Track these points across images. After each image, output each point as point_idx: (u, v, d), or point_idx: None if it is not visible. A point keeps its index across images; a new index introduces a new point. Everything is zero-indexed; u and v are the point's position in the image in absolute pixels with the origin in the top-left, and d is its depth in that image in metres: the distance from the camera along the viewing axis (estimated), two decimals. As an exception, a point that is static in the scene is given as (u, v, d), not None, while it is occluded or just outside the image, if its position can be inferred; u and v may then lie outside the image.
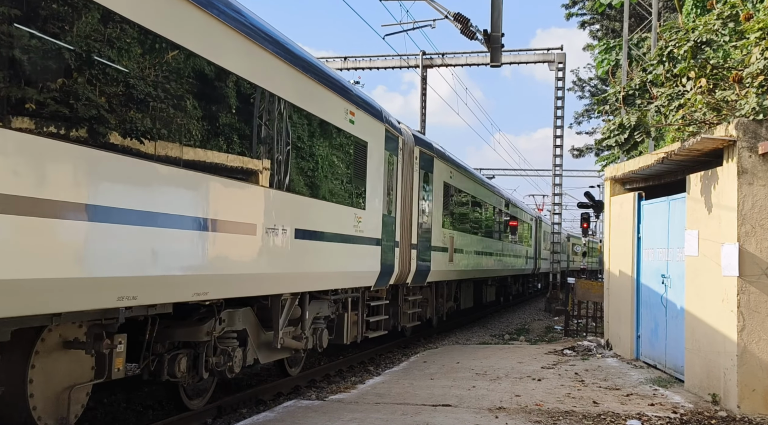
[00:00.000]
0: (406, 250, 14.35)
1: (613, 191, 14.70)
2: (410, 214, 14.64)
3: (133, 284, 6.16)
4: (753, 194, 9.00)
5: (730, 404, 9.05)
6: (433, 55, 30.66)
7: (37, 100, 5.16)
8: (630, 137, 11.15)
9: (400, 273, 13.94)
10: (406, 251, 14.28)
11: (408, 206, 14.47)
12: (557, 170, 29.64)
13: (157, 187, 6.48)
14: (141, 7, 6.21)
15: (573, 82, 45.51)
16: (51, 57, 5.28)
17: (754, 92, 9.35)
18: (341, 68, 30.62)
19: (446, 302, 19.37)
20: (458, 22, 19.04)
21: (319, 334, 11.23)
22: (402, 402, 9.37)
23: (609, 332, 15.00)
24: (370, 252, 12.13)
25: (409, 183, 14.58)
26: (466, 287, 22.08)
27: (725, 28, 10.79)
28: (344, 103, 11.05)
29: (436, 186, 16.66)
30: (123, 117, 5.99)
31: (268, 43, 8.62)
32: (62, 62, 5.40)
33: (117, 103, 5.92)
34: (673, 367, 11.52)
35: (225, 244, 7.67)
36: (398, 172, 13.74)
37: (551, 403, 9.40)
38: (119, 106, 5.95)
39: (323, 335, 11.35)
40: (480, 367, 12.64)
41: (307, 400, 9.71)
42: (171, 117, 6.64)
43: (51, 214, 5.26)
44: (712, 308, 9.65)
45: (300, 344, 10.45)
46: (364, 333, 12.92)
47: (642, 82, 12.56)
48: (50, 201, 5.25)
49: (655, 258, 12.59)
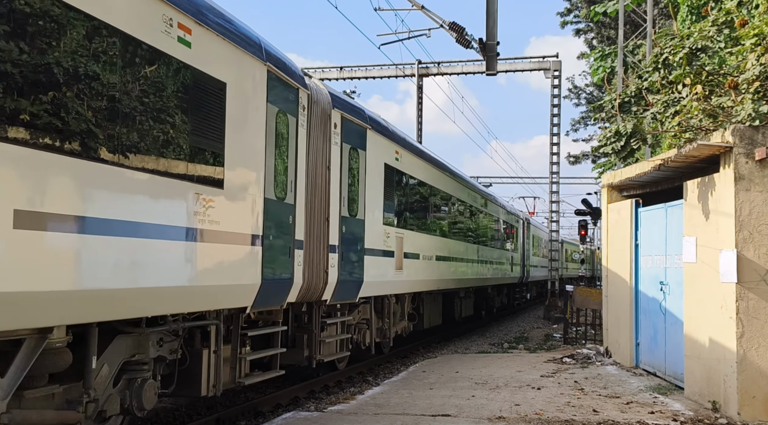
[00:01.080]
0: (320, 254, 10.29)
1: (611, 198, 14.70)
2: (326, 204, 10.50)
3: None
4: (750, 200, 9.00)
5: (730, 411, 9.02)
6: (429, 64, 30.70)
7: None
8: (626, 144, 11.18)
9: (309, 287, 10.01)
10: (318, 256, 10.24)
11: (322, 193, 10.41)
12: (554, 178, 29.63)
13: None
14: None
15: (569, 89, 45.65)
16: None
17: (750, 98, 9.36)
18: (337, 78, 30.66)
19: (396, 321, 15.29)
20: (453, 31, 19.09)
21: (135, 391, 7.05)
22: (401, 413, 9.33)
23: (608, 339, 14.97)
24: (239, 256, 7.95)
25: (322, 160, 10.46)
26: (431, 301, 18.21)
27: (720, 35, 10.82)
28: (165, 9, 6.76)
29: (372, 169, 12.49)
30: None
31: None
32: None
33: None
34: (672, 374, 11.49)
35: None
36: (299, 141, 9.55)
37: (551, 412, 9.36)
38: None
39: (145, 391, 7.11)
40: (479, 376, 12.60)
41: (306, 411, 9.66)
42: None
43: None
44: (711, 314, 9.63)
45: (73, 416, 6.19)
46: (239, 379, 8.83)
47: (638, 89, 12.59)
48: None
49: (653, 265, 12.58)
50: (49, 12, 5.35)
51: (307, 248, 9.87)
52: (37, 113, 5.24)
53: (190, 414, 9.69)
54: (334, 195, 10.85)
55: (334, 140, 10.93)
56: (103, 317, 6.15)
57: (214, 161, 7.54)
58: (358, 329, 13.14)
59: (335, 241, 10.85)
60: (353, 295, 11.85)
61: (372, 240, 12.50)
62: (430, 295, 17.96)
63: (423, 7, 19.70)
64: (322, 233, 10.44)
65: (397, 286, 14.37)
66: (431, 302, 18.30)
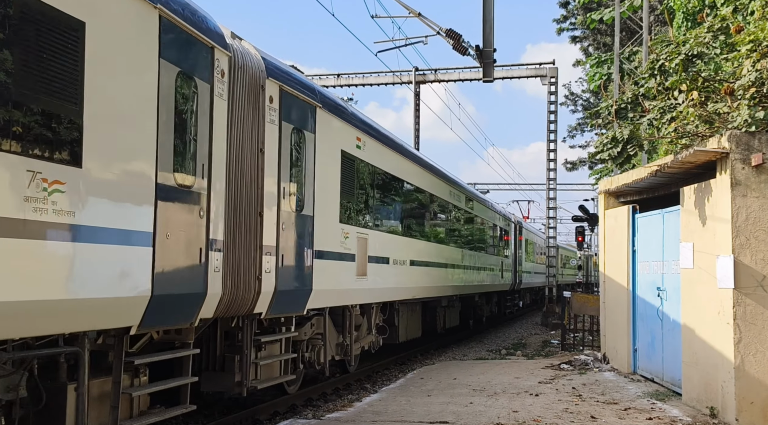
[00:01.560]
0: (249, 257, 8.39)
1: (608, 204, 14.72)
2: (258, 195, 8.64)
3: None
4: (747, 205, 9.01)
5: (728, 417, 9.01)
6: (426, 71, 30.76)
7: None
8: (623, 151, 11.19)
9: (233, 298, 8.11)
10: (247, 260, 8.35)
11: (252, 182, 8.51)
12: (551, 184, 29.68)
13: None
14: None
15: (565, 96, 45.82)
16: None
17: (746, 104, 9.39)
18: (335, 85, 30.72)
19: (360, 335, 13.35)
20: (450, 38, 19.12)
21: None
22: (399, 420, 9.31)
23: (606, 345, 14.97)
24: (112, 260, 6.10)
25: (252, 141, 8.53)
26: (407, 311, 16.30)
27: (716, 41, 10.86)
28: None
29: (324, 157, 10.55)
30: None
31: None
32: None
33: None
34: (670, 380, 11.48)
35: None
36: (215, 114, 7.65)
37: (549, 419, 9.34)
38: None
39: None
40: (477, 383, 12.58)
41: (304, 419, 9.64)
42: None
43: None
44: (709, 320, 9.63)
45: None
46: (122, 421, 6.72)
47: (634, 95, 12.61)
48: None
49: (650, 271, 12.58)
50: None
51: (228, 250, 7.91)
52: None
53: (187, 422, 9.66)
54: (269, 185, 8.83)
55: (270, 117, 8.90)
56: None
57: (64, 128, 5.56)
58: (312, 346, 11.24)
59: (271, 241, 8.83)
60: (299, 307, 9.86)
61: (324, 241, 10.51)
62: (406, 305, 16.07)
63: (420, 14, 19.74)
64: (252, 232, 8.44)
65: (360, 295, 12.37)
66: (408, 312, 16.40)
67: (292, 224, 9.49)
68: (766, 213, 8.98)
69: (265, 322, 9.64)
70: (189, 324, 7.44)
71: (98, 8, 5.93)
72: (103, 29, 5.98)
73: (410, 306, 16.52)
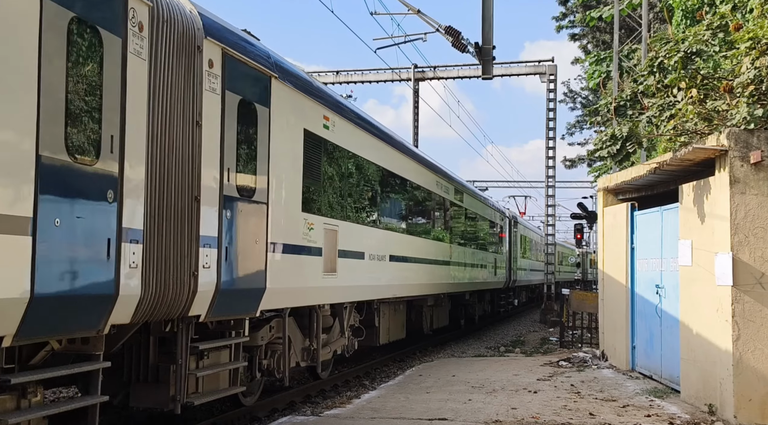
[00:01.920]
0: (181, 250, 7.11)
1: (606, 201, 14.73)
2: (194, 176, 7.29)
3: None
4: (745, 203, 9.02)
5: (726, 414, 9.03)
6: (425, 68, 30.75)
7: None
8: (622, 148, 11.20)
9: (158, 299, 6.85)
10: (177, 253, 7.07)
11: (185, 160, 7.18)
12: (550, 182, 29.69)
13: None
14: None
15: (564, 93, 45.81)
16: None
17: (744, 102, 9.39)
18: (333, 82, 30.69)
19: (331, 338, 12.06)
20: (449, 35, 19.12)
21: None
22: (398, 417, 9.32)
23: (604, 343, 14.98)
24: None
25: (184, 111, 7.21)
26: (388, 311, 14.96)
27: (715, 39, 10.86)
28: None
29: (283, 135, 9.24)
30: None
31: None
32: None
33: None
34: (668, 377, 11.50)
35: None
36: (131, 75, 6.40)
37: (548, 416, 9.36)
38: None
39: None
40: (476, 380, 12.59)
41: (303, 416, 9.65)
42: None
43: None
44: (707, 317, 9.64)
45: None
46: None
47: (633, 93, 12.62)
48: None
49: (649, 268, 12.60)
50: None
51: (151, 242, 6.70)
52: None
53: (185, 419, 9.66)
54: (209, 165, 7.52)
55: (210, 84, 7.54)
56: None
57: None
58: (271, 351, 9.94)
59: (212, 231, 7.54)
60: (250, 308, 8.58)
61: (282, 232, 9.22)
62: (388, 304, 14.79)
63: (419, 11, 19.74)
64: (185, 220, 7.17)
65: (329, 294, 11.03)
66: (390, 312, 15.10)
67: (240, 211, 8.14)
68: (765, 210, 8.99)
69: (210, 325, 8.40)
70: (96, 332, 6.17)
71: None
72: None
73: (393, 306, 15.24)
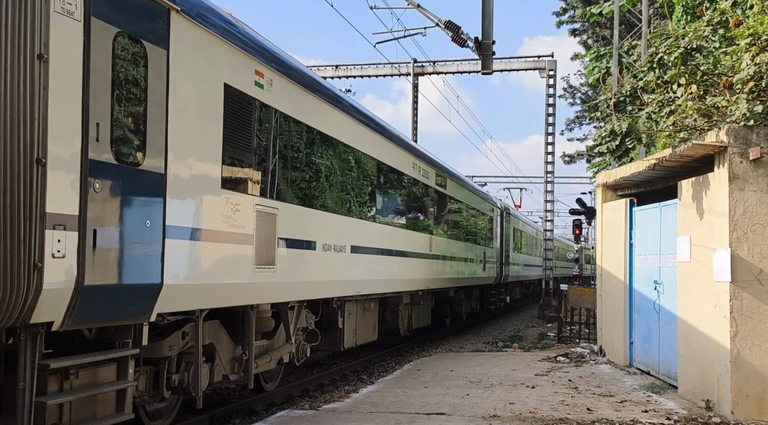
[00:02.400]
0: (13, 233, 5.31)
1: (605, 197, 14.73)
2: (34, 130, 5.42)
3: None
4: (744, 199, 9.02)
5: (723, 410, 9.05)
6: (425, 62, 30.72)
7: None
8: (621, 144, 11.18)
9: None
10: (7, 237, 5.28)
11: (20, 104, 5.37)
12: (549, 177, 29.68)
13: None
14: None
15: (564, 89, 45.75)
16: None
17: (744, 98, 9.39)
18: (333, 76, 30.67)
19: (273, 345, 10.16)
20: (449, 30, 19.08)
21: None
22: (396, 411, 9.33)
23: (602, 338, 15.00)
24: None
25: (14, 35, 5.35)
26: (355, 311, 13.05)
27: (715, 35, 10.84)
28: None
29: (191, 88, 7.37)
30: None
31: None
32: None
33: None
34: (666, 373, 11.52)
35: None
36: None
37: (545, 410, 9.37)
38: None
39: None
40: (474, 375, 12.60)
41: (301, 410, 9.66)
42: None
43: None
44: (705, 314, 9.66)
45: None
46: None
47: (633, 88, 12.61)
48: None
49: (647, 264, 12.61)
50: None
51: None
52: None
53: (183, 413, 9.67)
54: (63, 115, 5.65)
55: (62, 4, 5.67)
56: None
57: None
58: (186, 364, 8.06)
59: (68, 207, 5.68)
60: (139, 310, 6.62)
61: (190, 212, 7.32)
62: (355, 303, 12.94)
63: (419, 6, 19.70)
64: (17, 192, 5.33)
65: (266, 291, 9.07)
66: (358, 312, 13.21)
67: (120, 182, 6.24)
68: (764, 207, 8.99)
69: (88, 333, 6.68)
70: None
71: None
72: None
73: (361, 304, 13.32)
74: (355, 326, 13.01)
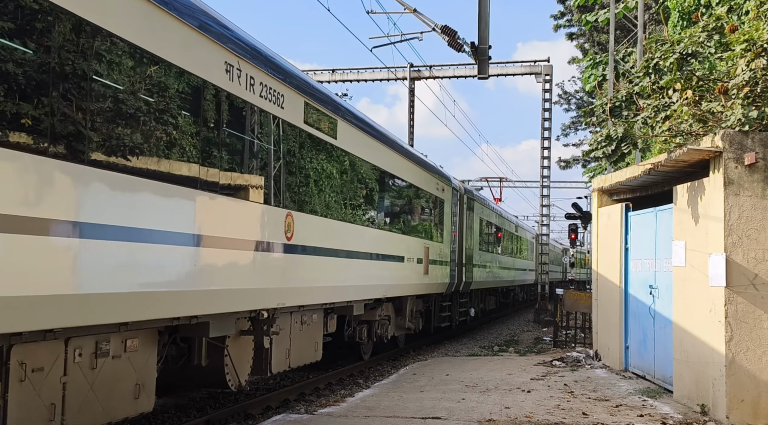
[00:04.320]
0: None
1: (601, 202, 14.76)
2: None
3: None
4: (739, 204, 9.05)
5: (719, 414, 9.07)
6: (421, 67, 30.75)
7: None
8: (617, 149, 11.22)
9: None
10: None
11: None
12: (545, 182, 29.71)
13: None
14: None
15: (559, 95, 45.84)
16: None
17: (739, 103, 9.42)
18: (329, 81, 30.67)
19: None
20: (445, 35, 19.11)
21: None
22: (392, 415, 9.33)
23: (598, 343, 15.02)
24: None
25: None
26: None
27: (711, 40, 10.88)
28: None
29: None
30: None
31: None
32: None
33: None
34: (661, 378, 11.54)
35: None
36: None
37: (541, 415, 9.38)
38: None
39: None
40: (470, 379, 12.61)
41: (296, 414, 9.65)
42: None
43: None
44: (700, 318, 9.68)
45: None
46: None
47: (628, 94, 12.64)
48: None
49: (642, 269, 12.63)
50: None
51: None
52: None
53: (179, 416, 9.66)
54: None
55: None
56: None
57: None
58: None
59: None
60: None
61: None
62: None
63: (415, 11, 19.73)
64: None
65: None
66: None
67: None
68: (758, 212, 9.03)
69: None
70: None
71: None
72: None
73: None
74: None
